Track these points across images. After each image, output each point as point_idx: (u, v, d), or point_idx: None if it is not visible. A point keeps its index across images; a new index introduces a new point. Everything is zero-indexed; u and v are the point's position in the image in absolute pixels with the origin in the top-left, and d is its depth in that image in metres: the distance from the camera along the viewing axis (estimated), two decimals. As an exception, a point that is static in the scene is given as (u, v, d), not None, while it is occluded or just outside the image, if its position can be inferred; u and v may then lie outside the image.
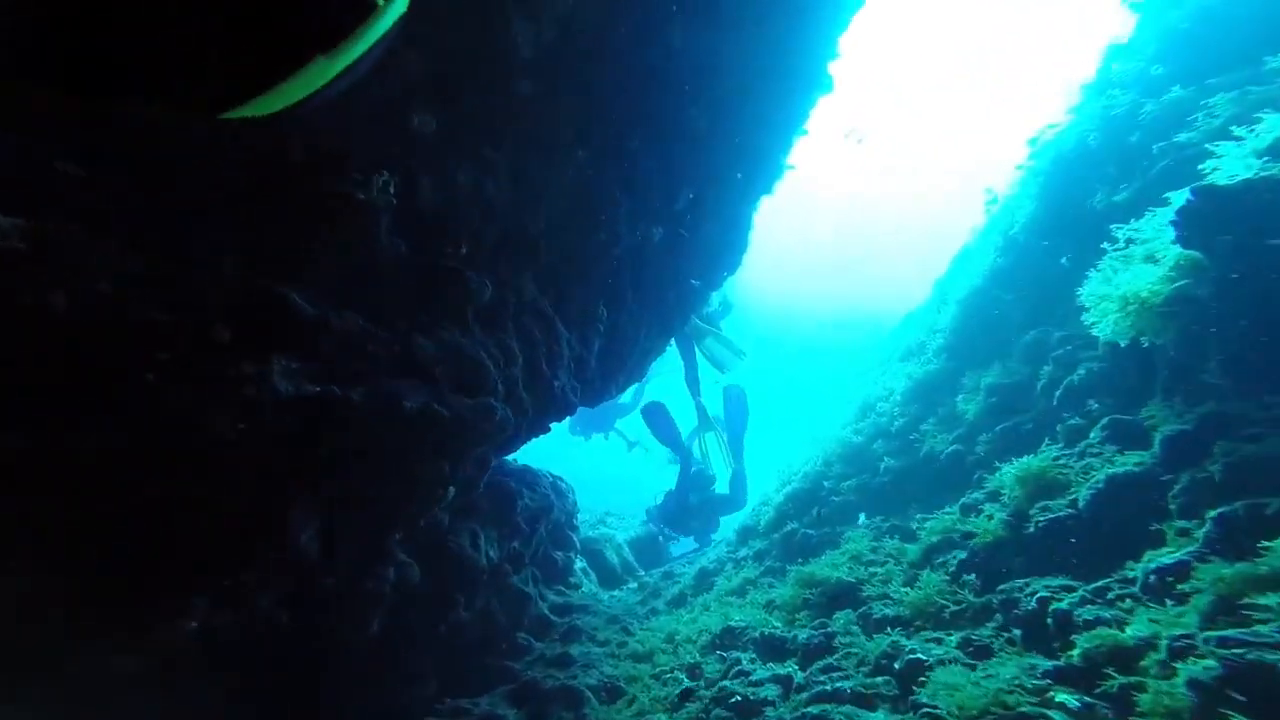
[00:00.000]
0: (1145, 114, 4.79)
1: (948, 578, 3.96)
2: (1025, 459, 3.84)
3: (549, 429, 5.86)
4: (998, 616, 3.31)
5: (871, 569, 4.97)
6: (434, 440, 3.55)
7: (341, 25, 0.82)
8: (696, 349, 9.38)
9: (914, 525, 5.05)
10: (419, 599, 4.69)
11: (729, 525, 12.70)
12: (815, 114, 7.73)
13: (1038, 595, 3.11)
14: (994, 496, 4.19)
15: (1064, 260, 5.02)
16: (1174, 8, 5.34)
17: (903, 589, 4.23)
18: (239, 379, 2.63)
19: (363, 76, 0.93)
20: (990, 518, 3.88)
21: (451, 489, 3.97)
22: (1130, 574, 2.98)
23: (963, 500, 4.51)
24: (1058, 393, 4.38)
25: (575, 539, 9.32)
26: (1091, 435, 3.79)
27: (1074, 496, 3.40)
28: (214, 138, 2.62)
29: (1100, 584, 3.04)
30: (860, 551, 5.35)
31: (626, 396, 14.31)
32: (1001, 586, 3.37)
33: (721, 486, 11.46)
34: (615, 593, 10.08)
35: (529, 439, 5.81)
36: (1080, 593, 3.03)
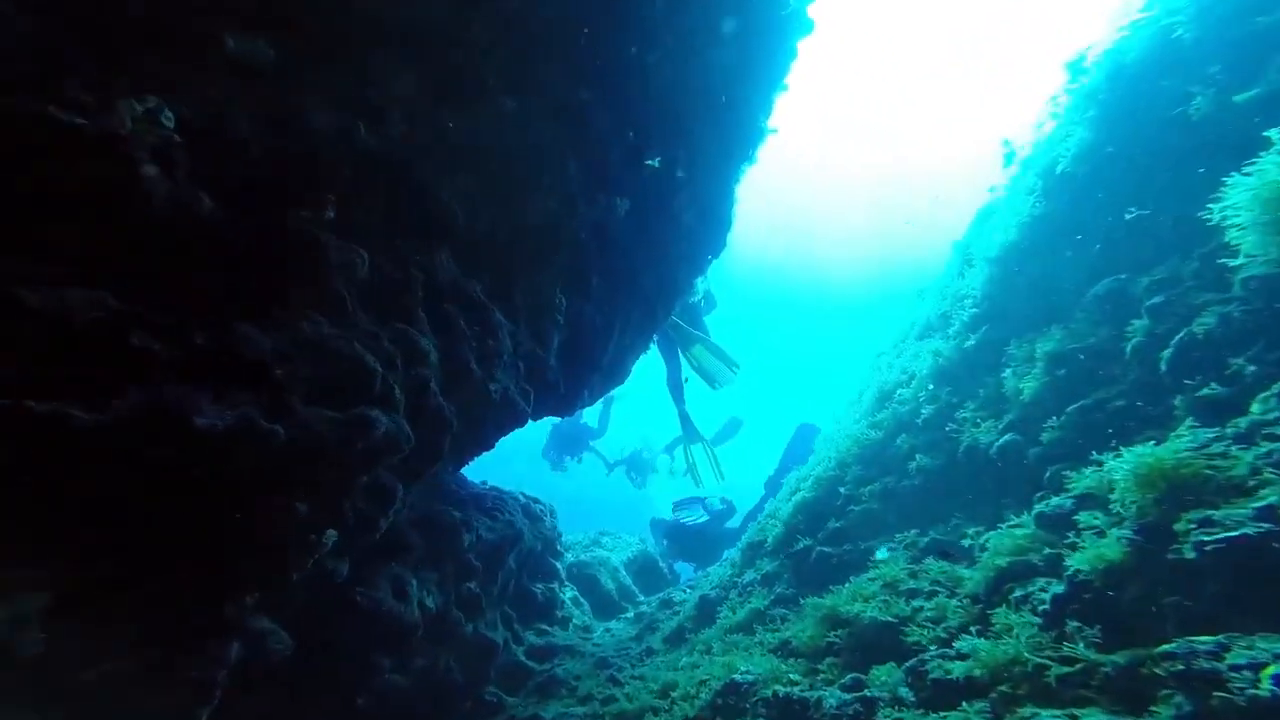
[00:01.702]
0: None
1: (1039, 621, 2.68)
2: (1142, 449, 2.57)
3: (492, 445, 4.60)
4: (1172, 696, 2.01)
5: (915, 602, 3.69)
6: (269, 470, 2.31)
7: None
8: (682, 356, 8.10)
9: (965, 542, 3.78)
10: (312, 672, 3.43)
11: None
12: (796, 67, 6.57)
13: (1247, 660, 1.83)
14: (1088, 503, 2.92)
15: (1141, 189, 3.79)
16: None
17: (970, 636, 2.95)
18: None
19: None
20: (1100, 534, 2.60)
21: (330, 533, 2.72)
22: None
23: (1037, 509, 3.23)
24: (1166, 353, 3.12)
25: (559, 567, 8.04)
26: (1254, 409, 2.53)
27: (1267, 502, 2.14)
28: None
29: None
30: (895, 577, 4.07)
31: (591, 420, 13.13)
32: (1166, 647, 2.07)
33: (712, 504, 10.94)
34: (611, 624, 8.76)
35: (468, 457, 4.56)
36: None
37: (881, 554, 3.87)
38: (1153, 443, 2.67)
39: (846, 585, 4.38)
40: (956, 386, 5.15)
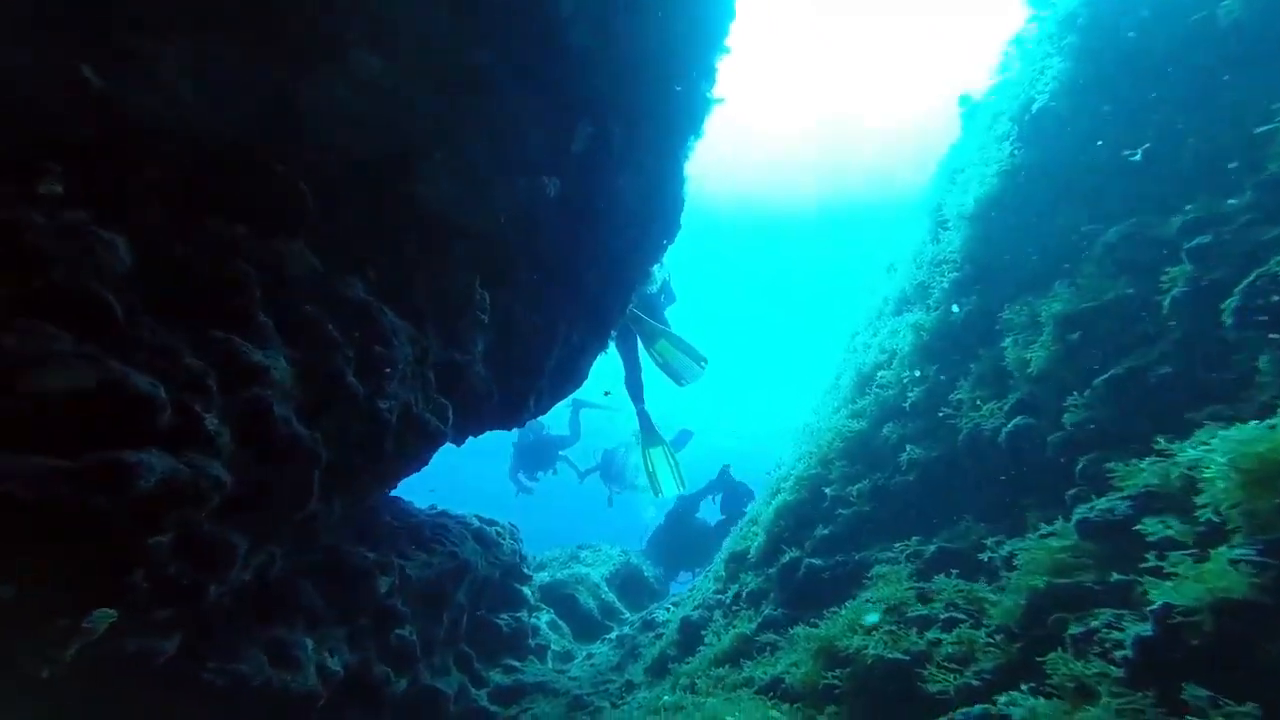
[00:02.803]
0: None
1: (1120, 673, 1.90)
2: (1243, 431, 1.80)
3: (403, 474, 3.72)
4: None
5: (930, 634, 2.92)
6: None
7: None
8: (643, 350, 7.25)
9: (986, 554, 3.02)
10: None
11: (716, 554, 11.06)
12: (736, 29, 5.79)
13: None
14: (1155, 505, 2.17)
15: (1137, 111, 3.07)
16: None
17: (1021, 694, 2.17)
18: None
19: None
20: (1195, 553, 1.82)
21: (102, 613, 1.83)
22: None
23: (1079, 514, 2.46)
24: (1231, 303, 2.36)
25: (528, 592, 7.16)
26: None
27: None
28: None
29: None
30: (900, 599, 3.29)
31: (562, 427, 12.11)
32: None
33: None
34: (594, 647, 7.89)
35: (371, 491, 3.67)
36: None
37: (872, 619, 3.05)
38: (1236, 422, 1.92)
39: (844, 611, 3.60)
40: (946, 363, 4.41)
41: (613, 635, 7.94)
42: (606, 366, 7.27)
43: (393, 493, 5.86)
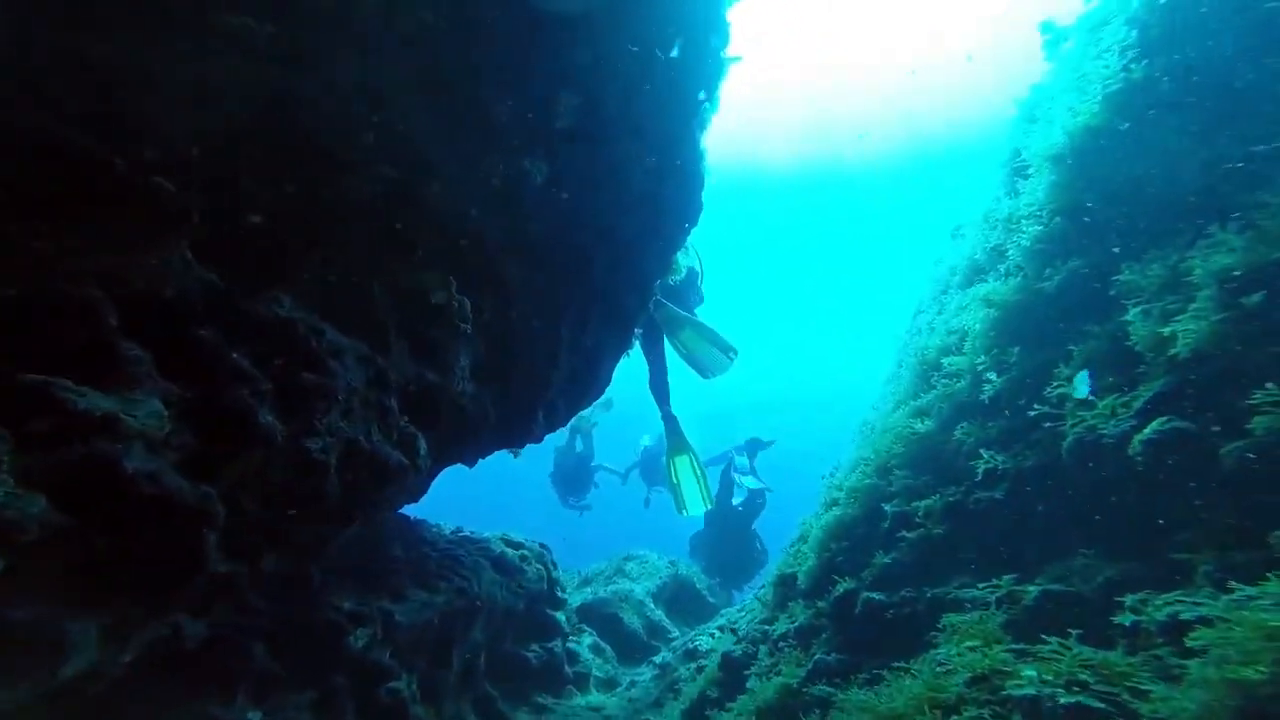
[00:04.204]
0: None
1: None
2: None
3: (362, 520, 3.14)
4: None
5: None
6: None
7: None
8: (668, 343, 6.47)
9: (1125, 619, 2.09)
10: None
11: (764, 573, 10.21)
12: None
13: None
14: None
15: None
16: None
17: None
18: None
19: None
20: None
21: None
22: None
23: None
24: None
25: (562, 619, 6.56)
26: None
27: None
28: None
29: None
30: (992, 665, 2.40)
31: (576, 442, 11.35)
32: None
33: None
34: (639, 671, 7.24)
35: (330, 540, 3.11)
36: None
37: (953, 689, 2.15)
38: None
39: (913, 671, 2.73)
40: (1033, 344, 3.40)
41: (658, 659, 7.24)
42: (630, 369, 6.55)
43: (427, 508, 5.42)
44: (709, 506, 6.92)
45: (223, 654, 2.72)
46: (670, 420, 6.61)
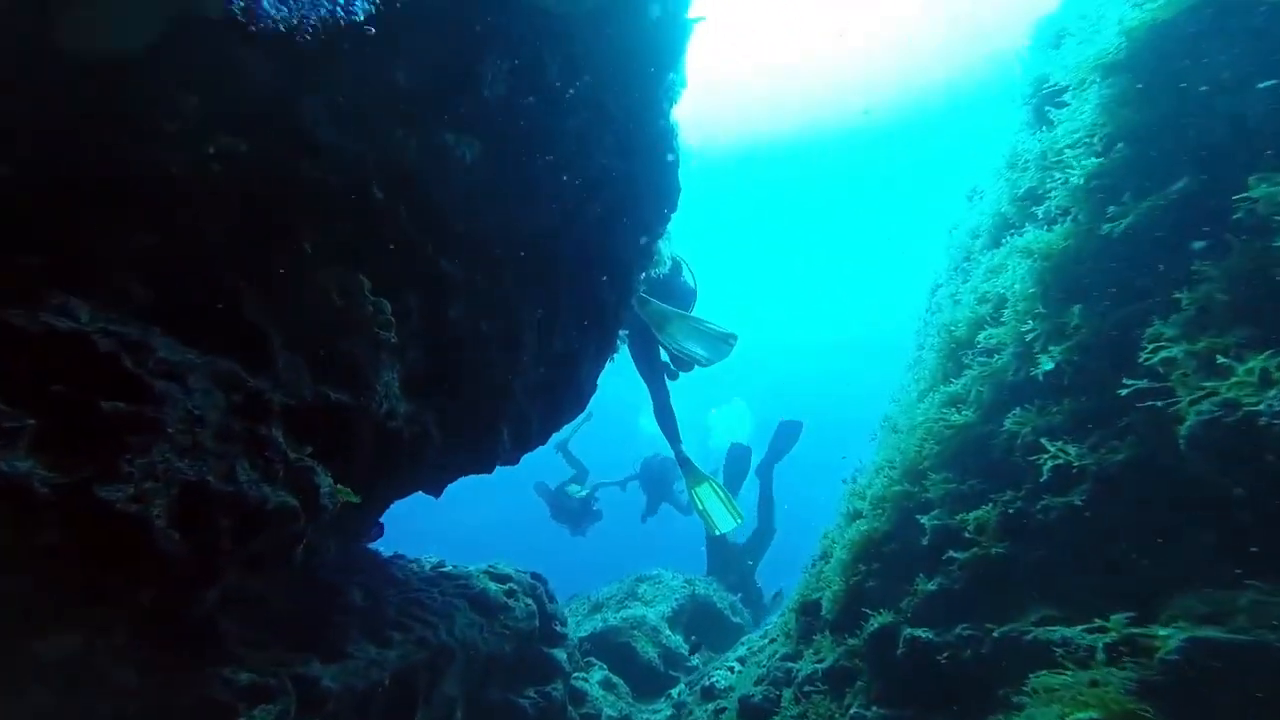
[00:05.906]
0: None
1: None
2: None
3: (230, 582, 2.41)
4: None
5: None
6: None
7: None
8: (661, 350, 5.72)
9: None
10: None
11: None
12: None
13: None
14: None
15: None
16: None
17: None
18: None
19: None
20: None
21: None
22: None
23: None
24: None
25: (562, 657, 5.78)
26: None
27: None
28: None
29: None
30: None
31: (565, 472, 10.69)
32: None
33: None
34: (656, 707, 6.41)
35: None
36: None
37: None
38: None
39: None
40: (1097, 302, 2.59)
41: (674, 692, 6.40)
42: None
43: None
44: (739, 522, 6.34)
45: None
46: (685, 462, 6.04)
